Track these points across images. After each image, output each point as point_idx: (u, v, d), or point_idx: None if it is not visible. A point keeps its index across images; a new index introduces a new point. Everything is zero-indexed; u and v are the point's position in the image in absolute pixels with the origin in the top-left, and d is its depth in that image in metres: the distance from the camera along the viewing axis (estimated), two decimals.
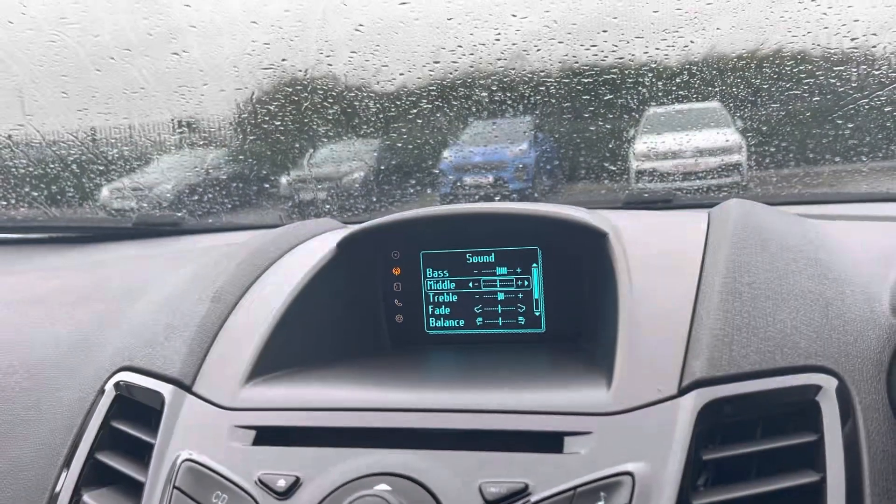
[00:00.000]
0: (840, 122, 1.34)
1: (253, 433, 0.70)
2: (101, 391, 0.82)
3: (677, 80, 1.43)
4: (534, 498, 0.60)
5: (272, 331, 0.81)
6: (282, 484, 0.64)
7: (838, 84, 1.33)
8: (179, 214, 1.62)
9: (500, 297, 0.92)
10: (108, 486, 0.74)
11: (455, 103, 1.53)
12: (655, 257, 0.82)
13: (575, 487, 0.60)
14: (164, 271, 1.05)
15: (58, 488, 0.76)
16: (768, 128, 1.43)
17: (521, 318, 0.91)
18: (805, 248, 0.81)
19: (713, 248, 0.81)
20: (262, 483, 0.65)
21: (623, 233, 0.85)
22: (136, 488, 0.71)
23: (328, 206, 1.64)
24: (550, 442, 0.64)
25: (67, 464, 0.77)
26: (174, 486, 0.66)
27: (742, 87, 1.42)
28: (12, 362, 0.94)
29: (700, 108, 1.58)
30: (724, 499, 0.60)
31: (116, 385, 0.81)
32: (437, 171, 1.95)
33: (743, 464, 0.63)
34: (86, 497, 0.72)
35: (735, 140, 1.57)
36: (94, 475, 0.76)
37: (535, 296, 0.90)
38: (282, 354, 0.80)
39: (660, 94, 1.45)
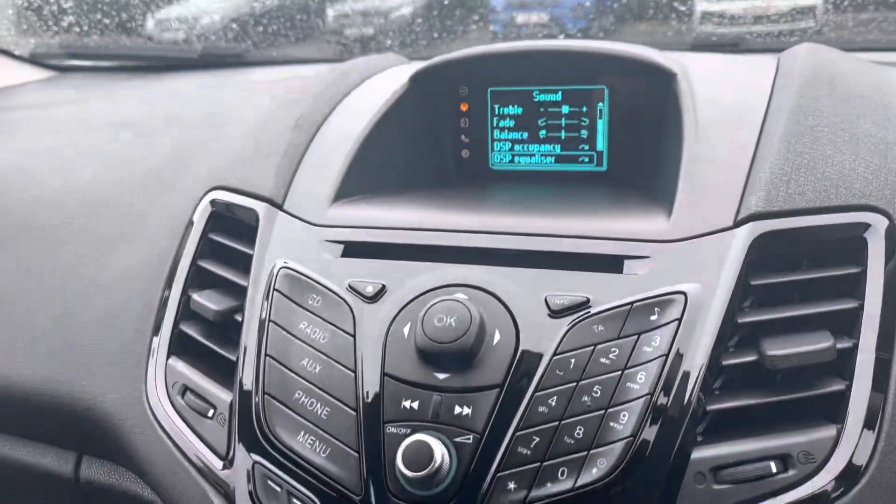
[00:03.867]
0: None
1: (341, 247, 0.78)
2: (197, 207, 0.90)
3: None
4: (594, 310, 0.67)
5: (353, 157, 0.87)
6: (370, 290, 0.73)
7: None
8: (244, 46, 1.64)
9: (564, 135, 0.95)
10: (213, 287, 0.83)
11: None
12: (721, 98, 0.84)
13: (632, 303, 0.67)
14: (240, 101, 1.11)
15: (167, 291, 0.86)
16: None
17: (584, 157, 0.95)
18: (874, 94, 0.82)
19: (779, 91, 0.82)
20: (352, 288, 0.74)
21: (691, 74, 0.87)
22: (237, 292, 0.81)
23: (389, 42, 1.64)
24: (611, 264, 0.71)
25: (173, 270, 0.87)
26: (274, 289, 0.76)
27: None
28: (112, 179, 1.02)
29: None
30: (767, 318, 0.67)
31: (212, 202, 0.89)
32: (492, 7, 1.90)
33: (787, 293, 0.69)
34: (194, 296, 0.83)
35: None
36: (199, 280, 0.86)
37: (600, 135, 0.94)
38: (361, 180, 0.87)
39: None
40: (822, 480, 0.61)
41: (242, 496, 0.70)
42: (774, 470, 0.62)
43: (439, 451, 0.63)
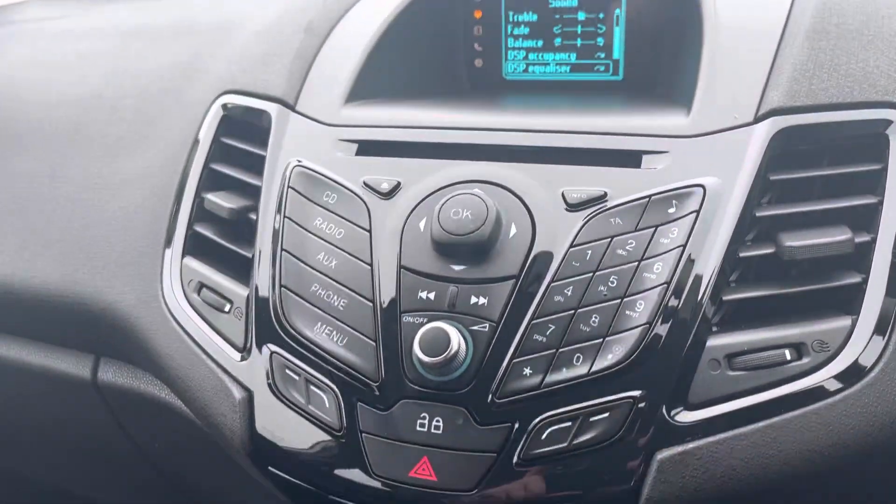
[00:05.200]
0: None
1: (355, 146, 0.78)
2: (209, 111, 0.89)
3: None
4: (611, 203, 0.67)
5: (365, 59, 0.85)
6: (385, 186, 0.73)
7: None
8: None
9: (580, 43, 0.93)
10: (225, 189, 0.83)
11: None
12: (744, 0, 0.82)
13: (650, 196, 0.67)
14: (251, 7, 1.08)
15: (181, 194, 0.86)
16: None
17: (600, 66, 0.93)
18: None
19: None
20: (367, 185, 0.73)
21: None
22: (251, 192, 0.81)
23: None
24: (629, 159, 0.70)
25: (186, 173, 0.86)
26: (288, 186, 0.75)
27: None
28: (124, 86, 1.01)
29: None
30: (786, 212, 0.66)
31: (224, 106, 0.88)
32: None
33: (806, 189, 0.69)
34: (208, 196, 0.82)
35: None
36: (212, 183, 0.85)
37: (616, 42, 0.92)
38: (374, 82, 0.86)
39: None
40: (836, 369, 0.62)
41: (260, 386, 0.71)
42: (789, 357, 0.62)
43: (456, 338, 0.63)
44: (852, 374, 0.62)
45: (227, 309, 0.76)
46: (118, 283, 0.85)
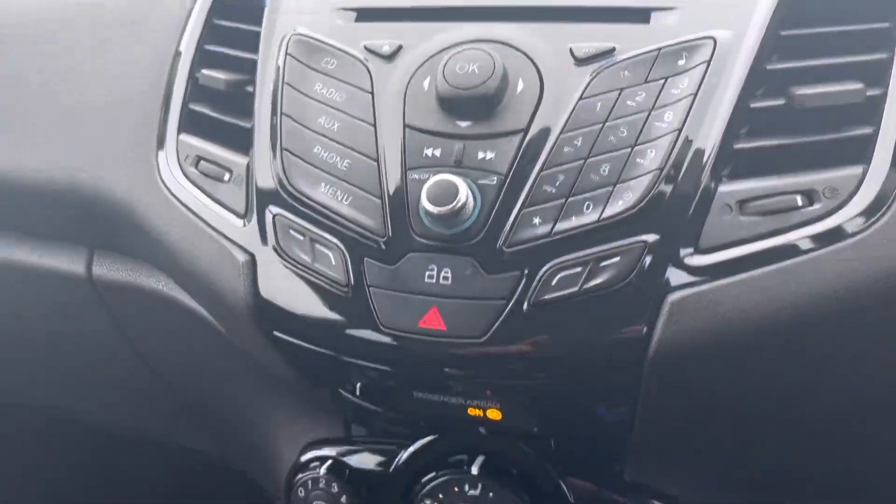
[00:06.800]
0: None
1: (354, 14, 0.75)
2: None
3: None
4: (620, 57, 0.66)
5: None
6: (387, 49, 0.71)
7: None
8: None
9: None
10: (221, 67, 0.81)
11: None
12: None
13: (659, 49, 0.65)
14: None
15: (174, 75, 0.83)
16: None
17: None
18: None
19: None
20: (368, 49, 0.71)
21: None
22: (247, 67, 0.78)
23: None
24: (637, 15, 0.68)
25: (178, 54, 0.84)
26: (287, 54, 0.73)
27: None
28: None
29: None
30: (798, 65, 0.65)
31: None
32: None
33: (818, 46, 0.67)
34: (203, 71, 0.80)
35: None
36: (207, 62, 0.82)
37: None
38: None
39: None
40: (846, 214, 0.61)
41: (263, 248, 0.70)
42: (800, 203, 0.62)
43: (464, 189, 0.62)
44: (863, 219, 0.61)
45: (226, 178, 0.75)
46: (112, 166, 0.83)
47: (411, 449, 0.82)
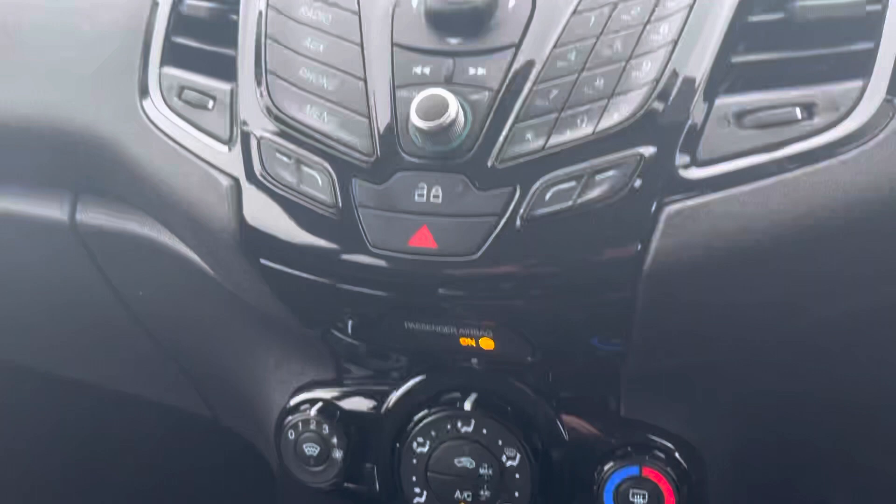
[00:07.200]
0: None
1: None
2: None
3: None
4: None
5: None
6: None
7: None
8: None
9: None
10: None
11: None
12: None
13: None
14: None
15: (154, 11, 0.81)
16: None
17: None
18: None
19: None
20: None
21: None
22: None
23: None
24: None
25: None
26: None
27: None
28: None
29: None
30: None
31: None
32: None
33: None
34: (185, 1, 0.78)
35: None
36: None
37: None
38: None
39: None
40: (846, 128, 0.60)
41: (249, 172, 0.68)
42: (799, 116, 0.60)
43: (454, 104, 0.60)
44: (864, 132, 0.60)
45: (210, 106, 0.73)
46: (93, 102, 0.81)
47: (403, 388, 0.81)
